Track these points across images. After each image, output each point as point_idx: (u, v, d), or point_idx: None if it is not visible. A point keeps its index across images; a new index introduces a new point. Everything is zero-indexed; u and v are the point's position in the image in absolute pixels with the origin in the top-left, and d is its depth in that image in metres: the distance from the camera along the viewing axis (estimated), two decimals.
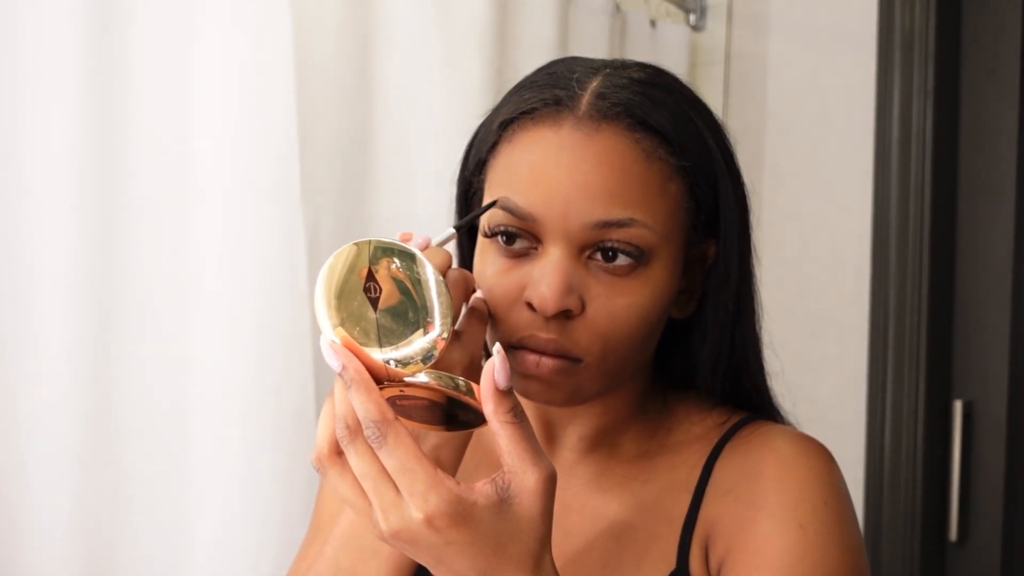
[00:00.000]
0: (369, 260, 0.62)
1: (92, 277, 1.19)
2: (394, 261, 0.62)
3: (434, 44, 1.45)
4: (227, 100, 1.25)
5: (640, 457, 0.85)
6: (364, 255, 0.62)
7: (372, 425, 0.61)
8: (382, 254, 0.62)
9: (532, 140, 0.75)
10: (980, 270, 1.66)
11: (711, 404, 0.86)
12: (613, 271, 0.74)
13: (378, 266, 0.62)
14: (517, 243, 0.76)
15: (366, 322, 0.62)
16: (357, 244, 0.62)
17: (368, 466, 0.62)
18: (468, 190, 0.84)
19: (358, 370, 0.62)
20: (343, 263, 0.62)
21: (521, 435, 0.62)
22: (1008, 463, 1.62)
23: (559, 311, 0.73)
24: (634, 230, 0.74)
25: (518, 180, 0.75)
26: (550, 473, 0.63)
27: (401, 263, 0.62)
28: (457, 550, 0.62)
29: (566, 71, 0.78)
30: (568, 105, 0.75)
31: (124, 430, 1.22)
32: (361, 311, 0.62)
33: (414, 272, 0.62)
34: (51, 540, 1.17)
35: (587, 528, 0.83)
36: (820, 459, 0.80)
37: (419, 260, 0.62)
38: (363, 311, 0.62)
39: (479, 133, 0.83)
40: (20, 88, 1.15)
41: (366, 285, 0.62)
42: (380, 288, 0.62)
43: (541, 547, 0.63)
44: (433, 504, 0.61)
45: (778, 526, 0.76)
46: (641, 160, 0.74)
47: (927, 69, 1.66)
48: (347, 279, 0.62)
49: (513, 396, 0.62)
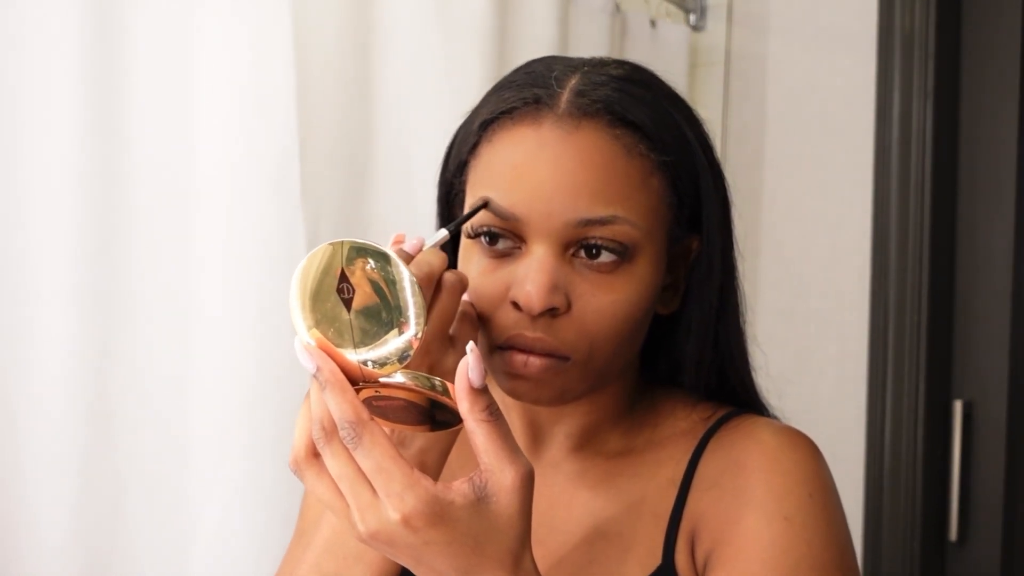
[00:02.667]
0: (343, 261, 0.62)
1: (93, 276, 1.19)
2: (368, 262, 0.61)
3: (434, 44, 1.45)
4: (227, 100, 1.25)
5: (626, 453, 0.85)
6: (338, 256, 0.62)
7: (347, 426, 0.61)
8: (356, 255, 0.62)
9: (512, 139, 0.75)
10: (980, 270, 1.66)
11: (696, 399, 0.86)
12: (598, 268, 0.75)
13: (352, 267, 0.62)
14: (500, 243, 0.76)
15: (340, 323, 0.62)
16: (332, 244, 0.62)
17: (344, 467, 0.62)
18: (449, 192, 0.84)
19: (332, 371, 0.62)
20: (317, 264, 0.62)
21: (497, 433, 0.62)
22: (1008, 463, 1.62)
23: (545, 309, 0.73)
24: (617, 227, 0.74)
25: (500, 180, 0.75)
26: (527, 471, 0.63)
27: (375, 264, 0.61)
28: (436, 550, 0.62)
29: (545, 69, 0.78)
30: (548, 103, 0.75)
31: (124, 429, 1.22)
32: (335, 312, 0.62)
33: (388, 273, 0.61)
34: (51, 539, 1.17)
35: (573, 524, 0.83)
36: (805, 451, 0.80)
37: (393, 261, 0.61)
38: (337, 312, 0.62)
39: (459, 135, 0.83)
40: (21, 89, 1.15)
41: (339, 286, 0.62)
42: (354, 289, 0.62)
43: (520, 545, 0.63)
44: (410, 504, 0.60)
45: (764, 519, 0.76)
46: (622, 156, 0.74)
47: (927, 69, 1.66)
48: (321, 280, 0.62)
49: (488, 394, 0.62)
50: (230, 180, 1.25)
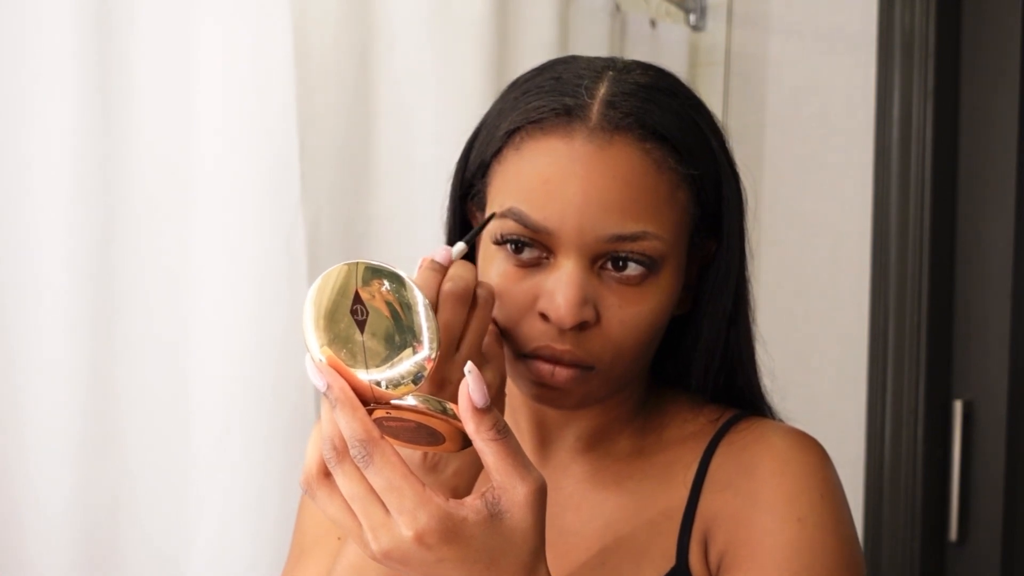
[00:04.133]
0: (358, 282, 0.62)
1: (93, 276, 1.19)
2: (383, 284, 0.62)
3: (434, 44, 1.45)
4: (227, 100, 1.25)
5: (635, 455, 0.85)
6: (353, 277, 0.62)
7: (358, 444, 0.61)
8: (372, 276, 0.62)
9: (543, 151, 0.76)
10: (980, 270, 1.66)
11: (702, 401, 0.87)
12: (625, 280, 0.75)
13: (367, 288, 0.62)
14: (526, 252, 0.76)
15: (353, 344, 0.62)
16: (347, 265, 0.62)
17: (356, 487, 0.62)
18: (468, 191, 0.84)
19: (343, 388, 0.62)
20: (332, 284, 0.62)
21: (507, 451, 0.62)
22: (1008, 463, 1.62)
23: (576, 324, 0.74)
24: (646, 242, 0.75)
25: (530, 192, 0.75)
26: (540, 485, 0.63)
27: (390, 286, 0.62)
28: (450, 567, 0.62)
29: (572, 76, 0.78)
30: (579, 115, 0.75)
31: (124, 429, 1.22)
32: (348, 333, 0.62)
33: (402, 295, 0.62)
34: (51, 537, 1.17)
35: (584, 526, 0.83)
36: (815, 454, 0.81)
37: (407, 284, 0.62)
38: (350, 333, 0.62)
39: (480, 134, 0.83)
40: (21, 89, 1.15)
41: (353, 307, 0.62)
42: (367, 311, 0.62)
43: (535, 559, 0.63)
44: (423, 522, 0.60)
45: (777, 520, 0.77)
46: (652, 171, 0.75)
47: (927, 69, 1.66)
48: (335, 301, 0.62)
49: (494, 412, 0.62)
50: (230, 180, 1.25)
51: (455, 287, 0.70)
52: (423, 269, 0.72)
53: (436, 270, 0.72)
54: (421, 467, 0.71)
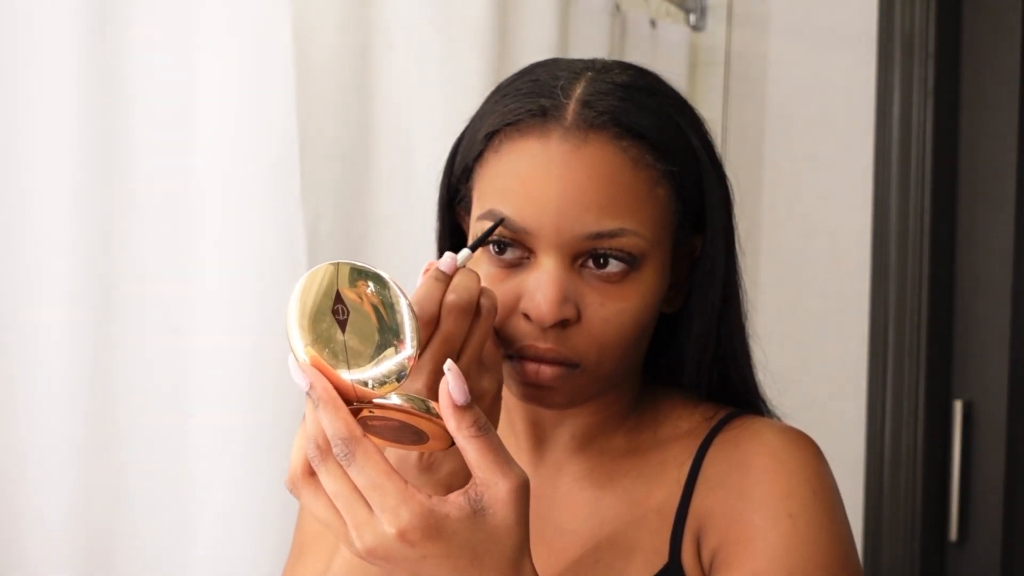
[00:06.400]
0: (341, 282, 0.63)
1: (93, 276, 1.19)
2: (368, 284, 0.62)
3: (434, 44, 1.45)
4: (227, 100, 1.25)
5: (630, 453, 0.85)
6: (336, 277, 0.63)
7: (340, 442, 0.62)
8: (356, 277, 0.62)
9: (520, 152, 0.76)
10: (980, 270, 1.66)
11: (696, 399, 0.87)
12: (606, 278, 0.76)
13: (350, 288, 0.62)
14: (508, 253, 0.77)
15: (335, 344, 0.63)
16: (332, 265, 0.63)
17: (340, 485, 0.62)
18: (454, 196, 0.85)
19: (325, 388, 0.62)
20: (317, 284, 0.63)
21: (488, 447, 0.62)
22: (1008, 463, 1.62)
23: (556, 322, 0.74)
24: (625, 239, 0.75)
25: (509, 193, 0.76)
26: (521, 481, 0.63)
27: (374, 287, 0.62)
28: (434, 563, 0.62)
29: (549, 78, 0.78)
30: (554, 115, 0.76)
31: (124, 427, 1.22)
32: (330, 333, 0.63)
33: (385, 296, 0.62)
34: (51, 537, 1.17)
35: (579, 524, 0.83)
36: (808, 451, 0.82)
37: (389, 284, 0.62)
38: (332, 333, 0.63)
39: (463, 140, 0.83)
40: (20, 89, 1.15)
41: (335, 307, 0.63)
42: (349, 311, 0.62)
43: (519, 554, 0.64)
44: (405, 519, 0.61)
45: (769, 517, 0.77)
46: (629, 169, 0.75)
47: (927, 69, 1.66)
48: (318, 301, 0.63)
49: (474, 410, 0.62)
50: (230, 180, 1.25)
51: (459, 299, 0.70)
52: (427, 278, 0.72)
53: (440, 279, 0.71)
54: (416, 467, 0.71)
